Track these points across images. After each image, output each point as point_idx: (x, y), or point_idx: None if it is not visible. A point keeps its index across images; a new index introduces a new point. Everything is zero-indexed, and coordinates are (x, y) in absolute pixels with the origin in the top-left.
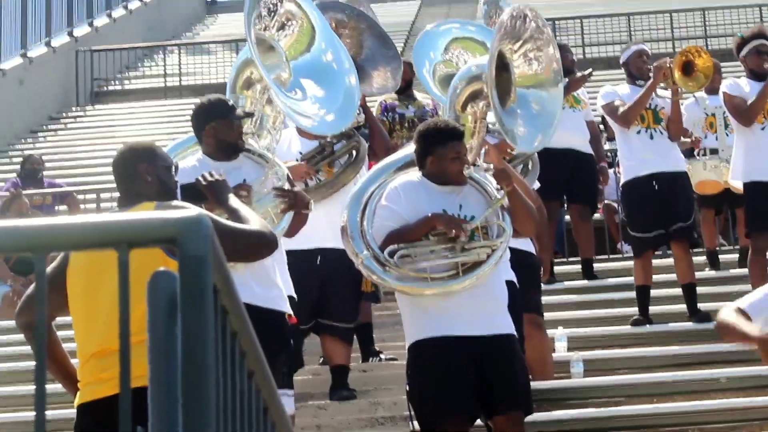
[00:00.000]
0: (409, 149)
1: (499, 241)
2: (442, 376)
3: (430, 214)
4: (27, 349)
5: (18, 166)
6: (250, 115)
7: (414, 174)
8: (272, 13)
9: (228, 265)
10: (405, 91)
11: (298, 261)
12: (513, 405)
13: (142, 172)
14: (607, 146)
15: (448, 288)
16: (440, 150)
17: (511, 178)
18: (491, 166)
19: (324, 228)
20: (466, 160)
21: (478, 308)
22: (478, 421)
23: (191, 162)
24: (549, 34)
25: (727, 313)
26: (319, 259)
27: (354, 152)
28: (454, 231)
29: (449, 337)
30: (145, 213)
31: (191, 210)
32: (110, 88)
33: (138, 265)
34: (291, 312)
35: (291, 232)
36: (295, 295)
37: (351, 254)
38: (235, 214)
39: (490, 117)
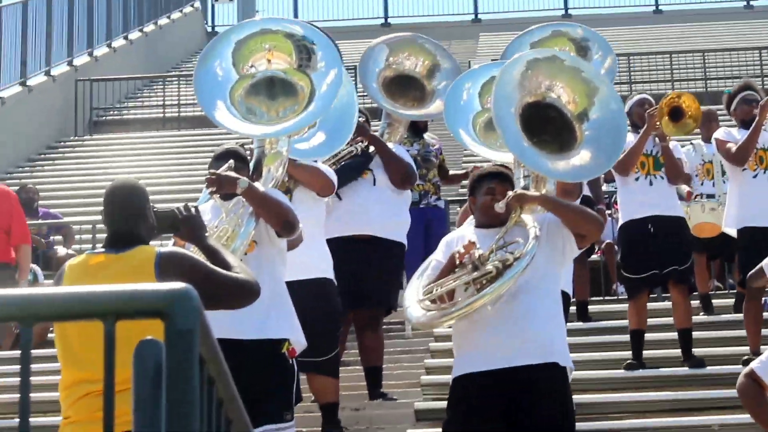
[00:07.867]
0: None
1: (513, 256)
2: (469, 416)
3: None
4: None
5: None
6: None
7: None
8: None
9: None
10: (417, 131)
11: None
12: None
13: (149, 213)
14: (604, 188)
15: (471, 306)
16: (477, 189)
17: (525, 197)
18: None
19: (291, 262)
20: (500, 199)
21: (511, 338)
22: None
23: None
24: None
25: (744, 384)
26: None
27: None
28: (457, 255)
29: (475, 374)
30: (133, 285)
31: (179, 283)
32: (109, 117)
33: None
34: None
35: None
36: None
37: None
38: (215, 257)
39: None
